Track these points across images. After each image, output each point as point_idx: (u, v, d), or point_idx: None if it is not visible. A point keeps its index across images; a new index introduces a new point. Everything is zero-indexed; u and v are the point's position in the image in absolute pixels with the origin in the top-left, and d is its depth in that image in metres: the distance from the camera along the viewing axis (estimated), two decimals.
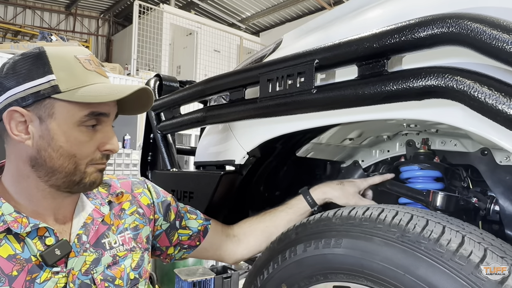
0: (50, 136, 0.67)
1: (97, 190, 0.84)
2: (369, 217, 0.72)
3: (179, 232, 0.95)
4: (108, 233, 0.80)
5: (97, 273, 0.75)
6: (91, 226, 0.77)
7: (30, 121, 0.67)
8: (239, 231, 1.01)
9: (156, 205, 0.92)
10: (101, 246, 0.77)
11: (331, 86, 0.67)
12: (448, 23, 0.50)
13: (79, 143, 0.69)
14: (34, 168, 0.69)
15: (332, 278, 0.76)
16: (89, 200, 0.81)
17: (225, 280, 4.04)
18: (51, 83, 0.66)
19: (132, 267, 0.81)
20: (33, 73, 0.66)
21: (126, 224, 0.84)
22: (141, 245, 0.85)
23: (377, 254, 0.66)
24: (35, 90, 0.66)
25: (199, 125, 1.07)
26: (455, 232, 0.64)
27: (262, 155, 1.00)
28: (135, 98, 0.72)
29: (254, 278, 0.91)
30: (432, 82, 0.52)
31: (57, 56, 0.68)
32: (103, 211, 0.80)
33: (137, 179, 0.95)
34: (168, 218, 0.93)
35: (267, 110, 0.78)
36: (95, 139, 0.71)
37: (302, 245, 0.79)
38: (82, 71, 0.69)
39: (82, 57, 0.70)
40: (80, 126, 0.69)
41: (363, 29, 0.65)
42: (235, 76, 0.87)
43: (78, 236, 0.75)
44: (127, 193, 0.88)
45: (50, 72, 0.66)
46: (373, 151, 1.25)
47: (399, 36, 0.55)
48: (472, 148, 0.98)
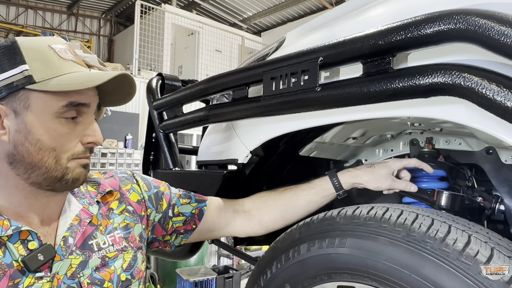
0: (27, 130, 0.64)
1: (86, 189, 0.80)
2: (373, 216, 0.72)
3: (173, 220, 0.91)
4: (96, 234, 0.76)
5: (83, 276, 0.71)
6: (78, 228, 0.73)
7: (5, 115, 0.64)
8: (251, 206, 0.95)
9: (147, 199, 0.88)
10: (88, 247, 0.74)
11: (336, 84, 0.66)
12: (456, 20, 0.49)
13: (59, 136, 0.66)
14: (12, 165, 0.66)
15: (337, 278, 0.75)
16: (76, 200, 0.77)
17: (226, 280, 4.05)
18: (24, 73, 0.63)
19: (123, 268, 0.77)
20: (4, 64, 0.64)
21: (115, 223, 0.81)
22: (133, 244, 0.82)
23: (382, 254, 0.66)
24: (7, 82, 0.63)
25: (202, 124, 1.07)
26: (461, 232, 0.63)
27: (265, 154, 1.00)
28: (117, 87, 0.70)
29: (258, 277, 0.90)
30: (439, 79, 0.51)
31: (29, 47, 0.65)
32: (91, 211, 0.77)
33: (125, 175, 0.91)
34: (160, 209, 0.90)
35: (271, 109, 0.77)
36: (77, 132, 0.68)
37: (306, 244, 0.79)
38: (58, 60, 0.66)
39: (57, 46, 0.68)
40: (59, 118, 0.66)
41: (367, 27, 0.65)
42: (238, 75, 0.86)
43: (64, 239, 0.71)
44: (116, 191, 0.84)
45: (23, 63, 0.64)
46: (377, 150, 1.24)
47: (405, 33, 0.54)
48: (477, 147, 0.97)
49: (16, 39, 0.66)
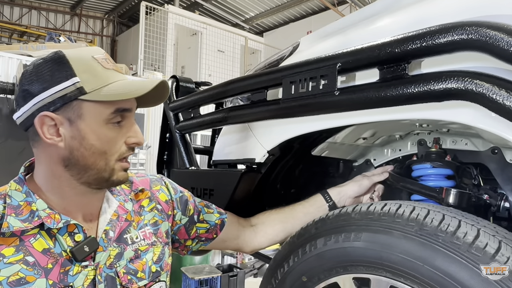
0: (81, 136, 0.71)
1: (120, 187, 0.87)
2: (387, 212, 0.76)
3: (197, 225, 0.98)
4: (130, 229, 0.83)
5: (120, 266, 0.78)
6: (116, 222, 0.80)
7: (61, 124, 0.70)
8: (256, 221, 1.05)
9: (175, 200, 0.95)
10: (123, 241, 0.81)
11: (354, 88, 0.71)
12: (468, 31, 0.54)
13: (108, 140, 0.73)
14: (67, 167, 0.73)
15: (352, 270, 0.79)
16: (114, 197, 0.84)
17: (231, 278, 4.10)
18: (76, 85, 0.69)
19: (153, 260, 0.84)
20: (57, 77, 0.69)
21: (146, 220, 0.87)
22: (161, 239, 0.88)
23: (397, 247, 0.70)
24: (62, 94, 0.69)
25: (220, 125, 1.11)
26: (470, 226, 0.68)
27: (281, 154, 1.04)
28: (152, 91, 0.75)
29: (275, 271, 0.94)
30: (452, 85, 0.56)
31: (76, 59, 0.71)
32: (127, 208, 0.84)
33: (155, 177, 0.98)
34: (187, 213, 0.96)
35: (290, 111, 0.82)
36: (121, 134, 0.75)
37: (323, 239, 0.83)
38: (102, 71, 0.72)
39: (99, 57, 0.73)
40: (107, 124, 0.72)
41: (380, 35, 0.69)
42: (258, 78, 0.91)
43: (105, 232, 0.78)
44: (146, 190, 0.91)
45: (74, 75, 0.69)
46: (385, 150, 1.29)
47: (421, 42, 0.59)
48: (482, 147, 1.01)
49: (63, 52, 0.72)
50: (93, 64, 0.72)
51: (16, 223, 0.69)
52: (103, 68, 0.72)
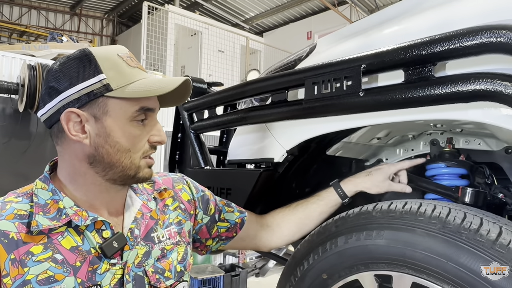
0: (107, 133, 0.71)
1: (143, 186, 0.87)
2: (409, 210, 0.78)
3: (218, 224, 0.98)
4: (156, 228, 0.83)
5: (148, 265, 0.78)
6: (141, 221, 0.80)
7: (86, 120, 0.70)
8: (272, 221, 1.05)
9: (197, 200, 0.95)
10: (150, 239, 0.80)
11: (379, 89, 0.73)
12: (496, 33, 0.56)
13: (133, 138, 0.73)
14: (92, 165, 0.73)
15: (373, 268, 0.81)
16: (136, 196, 0.84)
17: (233, 278, 4.11)
18: (103, 82, 0.69)
19: (178, 260, 0.84)
20: (83, 74, 0.69)
21: (171, 219, 0.87)
22: (185, 239, 0.88)
23: (420, 244, 0.72)
24: (88, 91, 0.69)
25: (238, 125, 1.13)
26: (492, 224, 0.69)
27: (298, 153, 1.06)
28: (175, 90, 0.75)
29: (294, 268, 0.96)
30: (481, 86, 0.58)
31: (103, 56, 0.71)
32: (150, 206, 0.84)
33: (177, 176, 0.98)
34: (208, 212, 0.97)
35: (313, 111, 0.84)
36: (145, 132, 0.75)
37: (344, 237, 0.85)
38: (127, 68, 0.72)
39: (123, 55, 0.74)
40: (132, 121, 0.72)
41: (405, 37, 0.71)
42: (279, 79, 0.92)
43: (131, 230, 0.77)
44: (169, 189, 0.91)
45: (100, 72, 0.69)
46: (397, 149, 1.30)
47: (448, 44, 0.61)
48: (496, 147, 1.03)
49: (90, 49, 0.73)
50: (118, 62, 0.72)
51: (44, 221, 0.68)
52: (128, 66, 0.73)
